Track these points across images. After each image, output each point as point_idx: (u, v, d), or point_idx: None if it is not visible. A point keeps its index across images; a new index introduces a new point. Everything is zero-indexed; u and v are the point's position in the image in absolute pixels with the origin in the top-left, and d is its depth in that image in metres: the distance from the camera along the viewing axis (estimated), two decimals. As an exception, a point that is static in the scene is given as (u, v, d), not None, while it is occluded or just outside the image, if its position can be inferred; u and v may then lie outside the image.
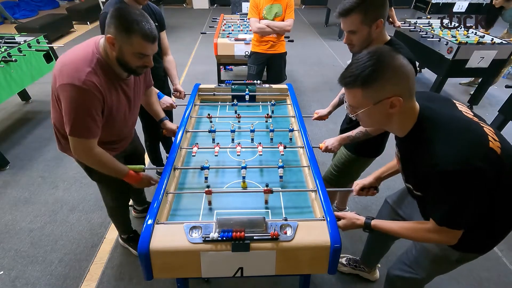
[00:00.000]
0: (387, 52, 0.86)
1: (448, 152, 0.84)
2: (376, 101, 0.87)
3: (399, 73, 0.85)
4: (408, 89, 0.87)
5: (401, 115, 0.91)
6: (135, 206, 2.20)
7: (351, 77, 0.87)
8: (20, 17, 7.21)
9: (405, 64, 0.85)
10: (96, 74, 1.15)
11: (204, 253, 1.04)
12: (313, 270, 1.20)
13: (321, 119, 1.89)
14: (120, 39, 1.11)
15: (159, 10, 1.98)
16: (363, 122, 0.99)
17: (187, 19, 7.79)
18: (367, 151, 1.65)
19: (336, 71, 4.80)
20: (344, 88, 0.92)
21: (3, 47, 2.78)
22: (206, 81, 2.92)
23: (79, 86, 1.10)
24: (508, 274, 1.89)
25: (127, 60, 1.17)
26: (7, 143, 2.99)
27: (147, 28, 1.12)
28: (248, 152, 1.64)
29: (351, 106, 0.94)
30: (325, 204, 1.18)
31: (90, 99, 1.14)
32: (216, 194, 1.36)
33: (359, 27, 1.27)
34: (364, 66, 0.84)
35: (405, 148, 1.03)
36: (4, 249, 1.96)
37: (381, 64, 0.84)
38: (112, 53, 1.16)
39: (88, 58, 1.16)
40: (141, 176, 1.44)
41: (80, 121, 1.16)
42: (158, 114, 1.72)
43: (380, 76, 0.84)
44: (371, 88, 0.86)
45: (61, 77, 1.12)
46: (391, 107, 0.87)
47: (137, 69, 1.23)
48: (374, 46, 0.91)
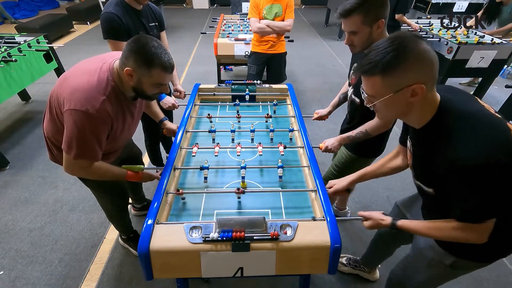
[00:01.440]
0: (410, 37, 0.81)
1: (471, 146, 0.80)
2: (397, 89, 0.82)
3: (422, 59, 0.80)
4: (431, 76, 0.82)
5: (422, 105, 0.87)
6: (134, 204, 2.20)
7: (371, 64, 0.82)
8: (20, 17, 7.21)
9: (429, 50, 0.80)
10: (109, 102, 1.16)
11: (204, 253, 1.04)
12: (313, 270, 1.20)
13: (321, 119, 1.89)
14: (139, 71, 1.13)
15: (158, 10, 1.98)
16: (380, 113, 0.94)
17: (187, 19, 7.79)
18: (367, 151, 1.65)
19: (336, 71, 4.80)
20: (362, 77, 0.88)
21: (3, 47, 2.78)
22: (206, 81, 2.92)
23: (92, 114, 1.10)
24: (508, 274, 1.89)
25: (145, 89, 1.19)
26: (7, 143, 2.99)
27: (166, 60, 1.14)
28: (248, 152, 1.64)
29: (369, 96, 0.90)
30: (325, 204, 1.18)
31: (101, 125, 1.15)
32: (216, 194, 1.36)
33: (360, 28, 1.26)
34: (385, 52, 0.80)
35: (420, 140, 0.98)
36: (4, 249, 1.96)
37: (403, 49, 0.79)
38: (129, 82, 1.17)
39: (103, 86, 1.16)
40: (141, 176, 1.45)
41: (87, 145, 1.16)
42: (157, 115, 1.72)
43: (402, 62, 0.79)
44: (392, 75, 0.81)
45: (72, 102, 1.11)
46: (413, 95, 0.82)
47: (152, 96, 1.26)
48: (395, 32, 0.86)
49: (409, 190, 2.38)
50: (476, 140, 0.80)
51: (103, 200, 1.67)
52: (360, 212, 1.20)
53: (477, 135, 0.81)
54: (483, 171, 0.78)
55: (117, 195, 1.67)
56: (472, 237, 0.92)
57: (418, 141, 1.00)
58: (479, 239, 0.91)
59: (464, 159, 0.79)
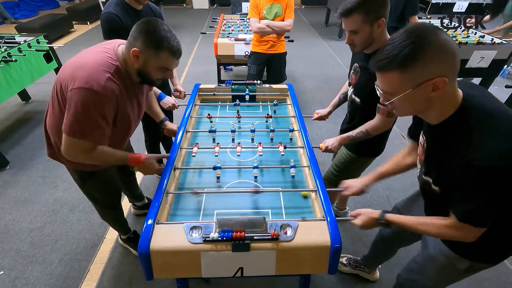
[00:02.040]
0: (429, 28, 0.76)
1: (493, 146, 0.76)
2: (417, 84, 0.78)
3: (443, 50, 0.75)
4: (453, 69, 0.78)
5: (443, 99, 0.82)
6: (134, 202, 2.20)
7: (387, 59, 0.78)
8: (20, 17, 7.21)
9: (450, 40, 0.76)
10: (114, 81, 1.14)
11: (204, 253, 1.04)
12: (313, 270, 1.20)
13: (321, 119, 1.88)
14: (147, 53, 1.11)
15: (159, 10, 1.98)
16: (398, 110, 0.89)
17: (187, 19, 7.79)
18: (367, 151, 1.65)
19: (336, 71, 4.80)
20: (378, 74, 0.83)
21: (3, 47, 2.78)
22: (206, 81, 2.92)
23: (98, 91, 1.07)
24: (508, 274, 1.89)
25: (149, 72, 1.17)
26: (7, 143, 2.99)
27: (175, 45, 1.13)
28: (248, 152, 1.64)
29: (386, 93, 0.85)
30: (325, 204, 1.18)
31: (106, 104, 1.12)
32: (216, 194, 1.36)
33: (360, 27, 1.26)
34: (402, 46, 0.75)
35: (436, 136, 0.93)
36: (4, 249, 1.96)
37: (422, 41, 0.74)
38: (134, 64, 1.16)
39: (107, 64, 1.13)
40: (143, 158, 1.37)
41: (92, 125, 1.12)
42: (158, 115, 1.72)
43: (421, 54, 0.74)
44: (411, 70, 0.76)
45: (76, 80, 1.07)
46: (434, 89, 0.78)
47: (155, 81, 1.24)
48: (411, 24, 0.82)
49: (409, 190, 2.37)
50: (499, 141, 0.76)
51: (92, 198, 1.62)
52: (351, 212, 1.19)
53: (501, 135, 0.77)
54: (500, 173, 0.75)
55: (108, 195, 1.63)
56: (462, 237, 0.91)
57: (433, 137, 0.96)
58: (468, 239, 0.90)
59: (484, 159, 0.75)
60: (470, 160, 0.78)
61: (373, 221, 1.11)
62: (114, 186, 1.65)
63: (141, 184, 2.46)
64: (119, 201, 1.74)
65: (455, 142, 0.84)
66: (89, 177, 1.46)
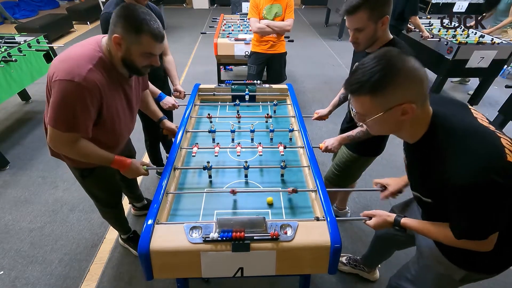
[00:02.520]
0: (397, 55, 0.79)
1: (463, 165, 0.78)
2: (386, 109, 0.81)
3: (411, 77, 0.78)
4: (421, 94, 0.81)
5: (413, 122, 0.85)
6: (134, 203, 2.20)
7: (358, 84, 0.80)
8: (20, 17, 7.21)
9: (417, 67, 0.79)
10: (97, 72, 1.11)
11: (204, 253, 1.04)
12: (313, 270, 1.20)
13: (321, 119, 1.88)
14: (128, 39, 1.09)
15: (158, 10, 1.98)
16: (371, 129, 0.92)
17: (187, 19, 7.79)
18: (368, 150, 1.65)
19: (336, 71, 4.80)
20: (351, 96, 0.86)
21: (3, 47, 2.78)
22: (206, 81, 2.92)
23: (79, 83, 1.05)
24: (508, 274, 1.88)
25: (134, 59, 1.15)
26: (7, 143, 2.99)
27: (156, 28, 1.10)
28: (248, 152, 1.64)
29: (359, 114, 0.88)
30: (325, 204, 1.18)
31: (88, 96, 1.09)
32: (216, 194, 1.36)
33: (366, 24, 1.25)
34: (372, 72, 0.78)
35: (414, 155, 0.98)
36: (4, 249, 1.96)
37: (391, 68, 0.77)
38: (117, 53, 1.14)
39: (90, 55, 1.12)
40: (129, 162, 1.36)
41: (74, 117, 1.10)
42: (155, 114, 1.70)
43: (390, 81, 0.77)
44: (380, 95, 0.79)
45: (59, 72, 1.07)
46: (403, 114, 0.81)
47: (142, 69, 1.21)
48: (380, 49, 0.85)
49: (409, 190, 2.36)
50: (467, 160, 0.78)
51: (92, 194, 1.62)
52: (364, 212, 1.19)
53: (469, 154, 0.79)
54: (475, 191, 0.77)
55: (107, 192, 1.63)
56: (478, 248, 0.90)
57: (411, 155, 1.00)
58: (485, 249, 0.90)
59: (456, 179, 0.78)
60: (446, 180, 0.81)
61: (387, 225, 1.11)
62: (114, 183, 1.65)
63: (141, 184, 2.46)
64: (119, 200, 1.74)
65: (430, 161, 0.87)
66: (89, 174, 1.46)
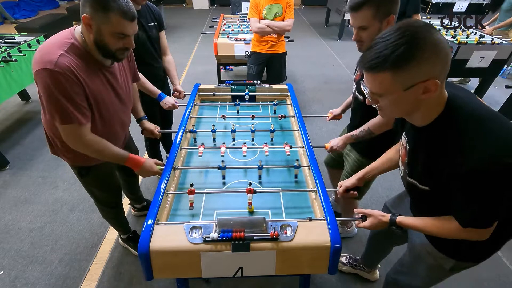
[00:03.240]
0: (423, 26, 0.72)
1: (482, 149, 0.73)
2: (408, 86, 0.74)
3: (437, 51, 0.71)
4: (445, 70, 0.74)
5: (429, 102, 0.79)
6: (134, 205, 2.20)
7: (378, 59, 0.73)
8: (20, 17, 7.20)
9: (443, 40, 0.72)
10: (69, 57, 1.09)
11: (204, 253, 1.04)
12: (313, 270, 1.20)
13: (335, 119, 1.87)
14: (97, 18, 1.06)
15: (158, 10, 1.98)
16: (384, 112, 0.86)
17: (187, 19, 7.79)
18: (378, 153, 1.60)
19: (336, 71, 4.80)
20: (367, 74, 0.79)
21: (3, 47, 2.78)
22: (206, 81, 2.92)
23: (52, 70, 1.04)
24: (508, 274, 1.89)
25: (106, 41, 1.11)
26: (7, 143, 2.99)
27: (125, 5, 1.07)
28: (248, 153, 1.63)
29: (374, 94, 0.81)
30: (325, 204, 1.18)
31: (65, 82, 1.07)
32: (216, 194, 1.36)
33: (370, 22, 1.21)
34: (396, 45, 0.70)
35: (422, 139, 0.89)
36: (4, 249, 1.96)
37: (417, 40, 0.70)
38: (89, 36, 1.11)
39: (61, 42, 1.11)
40: (143, 161, 1.37)
41: (61, 106, 1.10)
42: (137, 113, 1.68)
43: (416, 55, 0.70)
44: (404, 71, 0.72)
45: (34, 65, 1.08)
46: (424, 92, 0.74)
47: (116, 53, 1.16)
48: (403, 20, 0.77)
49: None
50: (488, 142, 0.74)
51: (95, 196, 1.63)
52: (357, 209, 1.17)
53: (490, 137, 0.75)
54: (493, 175, 0.73)
55: (107, 191, 1.63)
56: (475, 237, 0.89)
57: (417, 139, 0.92)
58: (482, 237, 0.88)
59: (476, 162, 0.73)
60: (459, 164, 0.76)
61: (383, 225, 1.10)
62: (112, 182, 1.64)
63: (141, 184, 2.46)
64: (119, 200, 1.74)
65: (442, 145, 0.81)
66: (86, 173, 1.46)
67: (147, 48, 1.88)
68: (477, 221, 0.83)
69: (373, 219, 1.12)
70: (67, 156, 1.37)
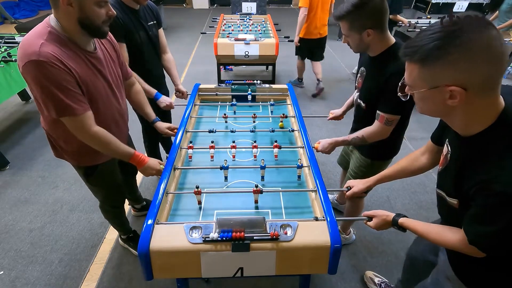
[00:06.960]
0: (475, 23, 0.63)
1: None
2: (432, 86, 0.70)
3: (475, 57, 0.63)
4: (484, 79, 0.65)
5: (469, 111, 0.71)
6: (134, 205, 2.20)
7: (411, 48, 0.70)
8: (20, 17, 7.20)
9: (493, 45, 0.62)
10: (50, 45, 1.07)
11: (204, 253, 1.04)
12: (313, 270, 1.20)
13: (336, 119, 1.88)
14: None
15: (155, 7, 1.98)
16: (418, 105, 0.81)
17: (187, 19, 7.79)
18: (381, 154, 1.58)
19: (336, 71, 4.80)
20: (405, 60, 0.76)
21: (3, 47, 2.79)
22: (206, 81, 2.92)
23: (37, 60, 1.03)
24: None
25: (91, 14, 1.09)
26: (7, 143, 2.99)
27: None
28: (248, 152, 1.63)
29: (407, 83, 0.78)
30: (325, 204, 1.18)
31: (54, 71, 1.06)
32: (216, 194, 1.36)
33: (348, 33, 1.32)
34: (430, 38, 0.66)
35: (460, 150, 0.81)
36: (4, 249, 1.96)
37: (452, 39, 0.63)
38: (70, 18, 1.09)
39: (39, 32, 1.09)
40: (147, 160, 1.39)
41: (54, 97, 1.09)
42: (149, 116, 1.69)
43: (444, 54, 0.64)
44: (429, 68, 0.68)
45: (19, 61, 1.07)
46: (451, 98, 0.68)
47: (102, 27, 1.15)
48: (465, 12, 0.74)
49: (409, 190, 2.36)
50: None
51: (100, 196, 1.64)
52: (364, 212, 1.18)
53: None
54: None
55: (112, 190, 1.63)
56: (473, 253, 0.82)
57: (458, 149, 0.83)
58: (479, 255, 0.83)
59: (508, 185, 0.66)
60: (494, 182, 0.68)
61: (387, 225, 1.10)
62: (117, 181, 1.64)
63: (140, 184, 2.46)
64: (124, 199, 1.75)
65: (482, 160, 0.73)
66: (92, 172, 1.46)
67: (148, 48, 1.88)
68: (485, 241, 0.78)
69: (378, 220, 1.12)
70: (72, 157, 1.37)
